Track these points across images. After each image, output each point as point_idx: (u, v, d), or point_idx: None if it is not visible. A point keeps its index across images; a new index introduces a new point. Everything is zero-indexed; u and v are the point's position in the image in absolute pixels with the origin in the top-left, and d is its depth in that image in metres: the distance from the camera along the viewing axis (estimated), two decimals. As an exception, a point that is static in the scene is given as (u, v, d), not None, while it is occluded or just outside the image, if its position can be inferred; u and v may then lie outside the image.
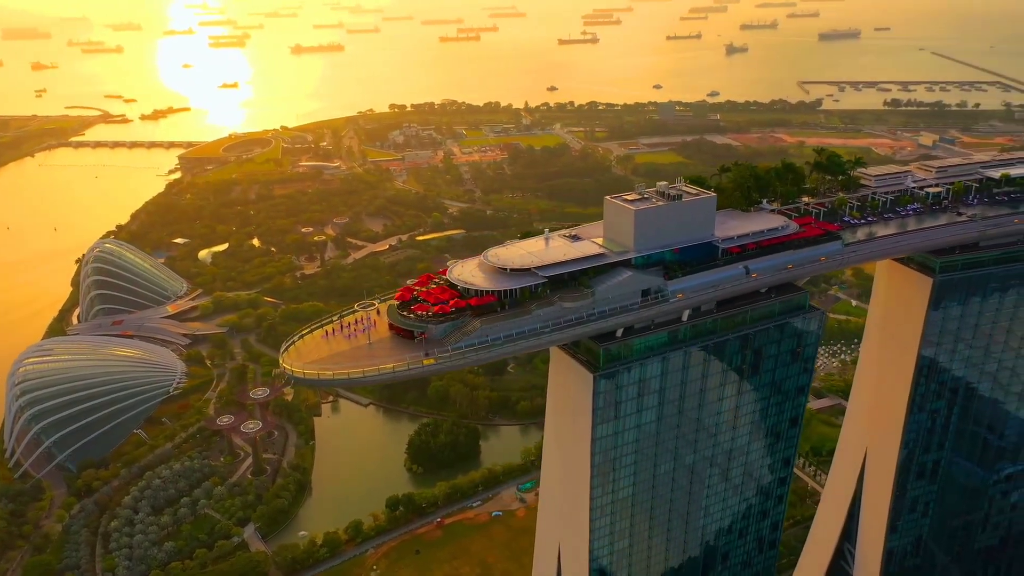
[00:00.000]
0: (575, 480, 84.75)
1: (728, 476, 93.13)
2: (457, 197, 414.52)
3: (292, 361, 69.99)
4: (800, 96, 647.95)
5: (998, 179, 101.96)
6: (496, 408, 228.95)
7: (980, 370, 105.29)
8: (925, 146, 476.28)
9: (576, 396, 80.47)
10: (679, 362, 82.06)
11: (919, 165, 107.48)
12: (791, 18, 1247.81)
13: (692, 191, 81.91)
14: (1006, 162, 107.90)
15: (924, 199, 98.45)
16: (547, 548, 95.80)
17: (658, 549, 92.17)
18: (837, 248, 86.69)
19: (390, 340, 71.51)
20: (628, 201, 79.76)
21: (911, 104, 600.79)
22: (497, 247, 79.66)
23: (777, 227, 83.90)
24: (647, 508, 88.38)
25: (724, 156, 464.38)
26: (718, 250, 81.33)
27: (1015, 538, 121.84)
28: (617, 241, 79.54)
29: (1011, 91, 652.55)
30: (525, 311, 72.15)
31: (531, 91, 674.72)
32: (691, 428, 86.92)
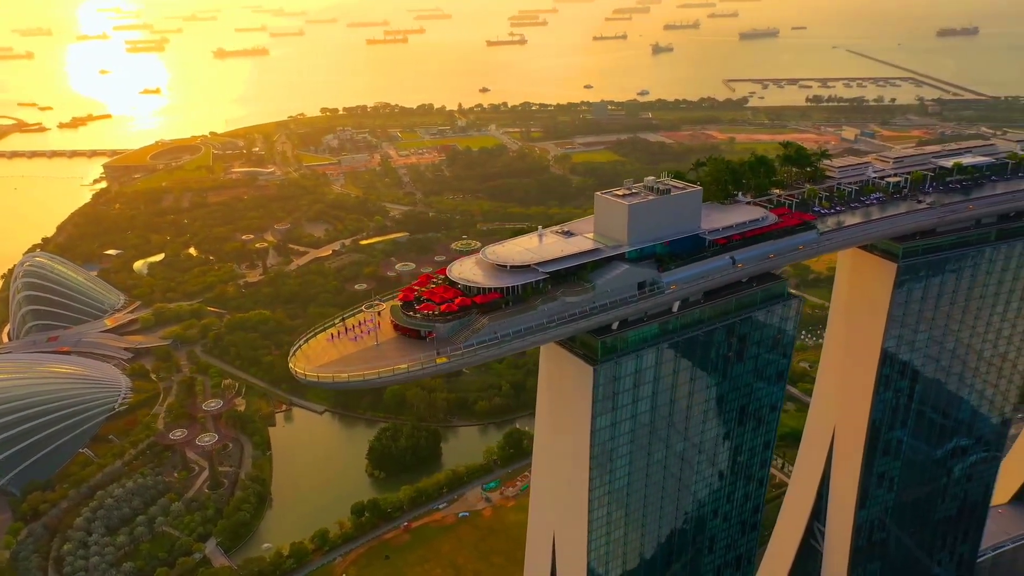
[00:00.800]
0: (572, 472, 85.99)
1: (714, 462, 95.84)
2: (398, 200, 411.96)
3: (303, 365, 69.23)
4: (727, 94, 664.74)
5: (950, 168, 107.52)
6: (454, 410, 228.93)
7: (940, 348, 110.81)
8: (848, 140, 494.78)
9: (574, 389, 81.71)
10: (671, 352, 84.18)
11: (877, 156, 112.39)
12: (712, 18, 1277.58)
13: (679, 185, 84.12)
14: (956, 152, 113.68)
15: (885, 188, 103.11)
16: (540, 540, 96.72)
17: (651, 537, 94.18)
18: (813, 237, 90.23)
19: (396, 341, 71.40)
20: (619, 196, 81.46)
21: (832, 100, 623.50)
22: (494, 245, 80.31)
23: (758, 218, 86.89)
24: (641, 497, 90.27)
25: (658, 154, 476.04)
26: (705, 242, 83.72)
27: (969, 507, 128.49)
28: (609, 236, 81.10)
29: (923, 86, 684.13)
30: (530, 307, 73.06)
31: (464, 93, 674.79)
32: (682, 416, 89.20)
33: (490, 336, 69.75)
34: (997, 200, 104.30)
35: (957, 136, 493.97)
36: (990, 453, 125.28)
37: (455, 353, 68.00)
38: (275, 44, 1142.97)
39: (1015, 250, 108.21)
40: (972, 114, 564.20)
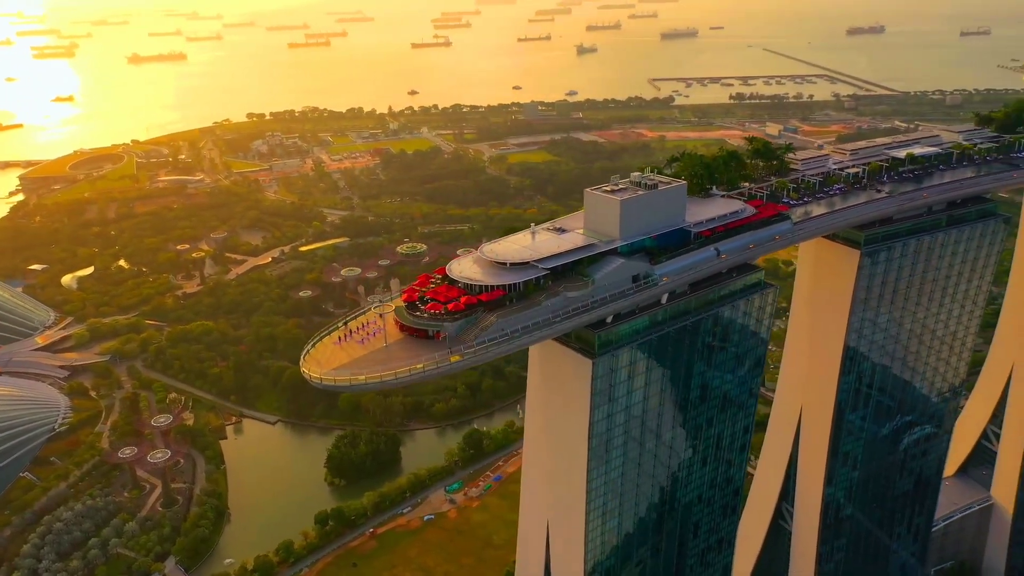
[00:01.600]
0: (570, 463, 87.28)
1: (698, 448, 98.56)
2: (335, 205, 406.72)
3: (316, 370, 68.57)
4: (653, 93, 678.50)
5: (903, 158, 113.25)
6: (411, 414, 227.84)
7: (898, 330, 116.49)
8: (772, 136, 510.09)
9: (571, 383, 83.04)
10: (661, 343, 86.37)
11: (834, 148, 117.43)
12: (632, 19, 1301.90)
13: (665, 180, 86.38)
14: (905, 143, 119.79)
15: (846, 179, 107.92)
16: (534, 530, 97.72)
17: (642, 525, 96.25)
18: (788, 227, 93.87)
19: (404, 341, 71.44)
20: (610, 192, 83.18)
21: (753, 97, 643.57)
22: (491, 243, 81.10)
23: (737, 210, 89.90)
24: (634, 486, 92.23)
25: (592, 153, 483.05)
26: (691, 234, 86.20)
27: (924, 481, 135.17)
28: (600, 231, 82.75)
29: (837, 83, 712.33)
30: (534, 303, 74.03)
31: (392, 95, 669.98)
32: (671, 405, 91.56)
33: (499, 333, 70.39)
34: (947, 188, 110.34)
35: (873, 130, 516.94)
36: (942, 428, 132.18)
37: (468, 351, 68.45)
38: (193, 49, 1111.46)
39: (963, 235, 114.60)
40: (886, 108, 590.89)
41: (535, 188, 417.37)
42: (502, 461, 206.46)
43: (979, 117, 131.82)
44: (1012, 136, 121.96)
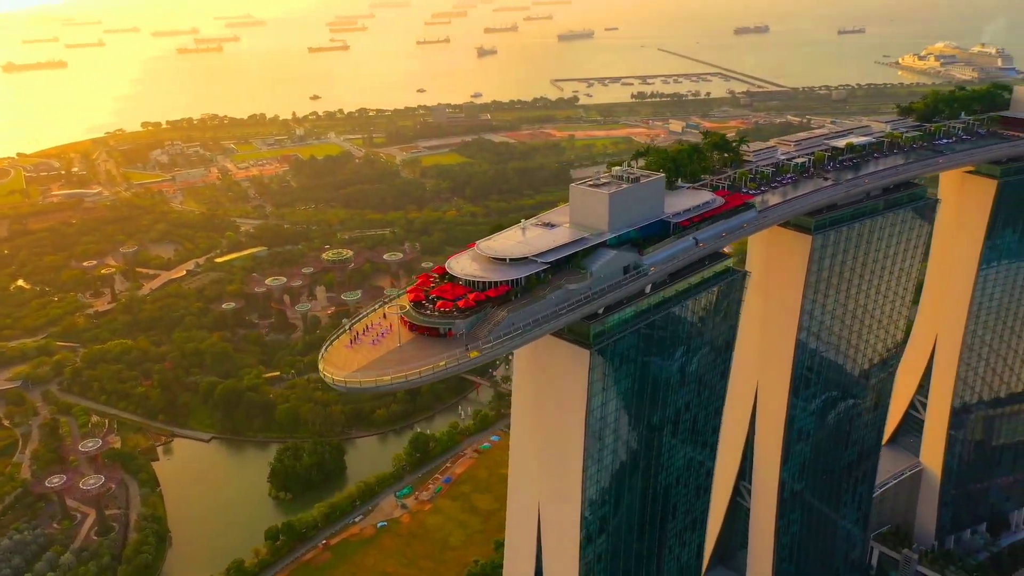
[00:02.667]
0: (564, 454, 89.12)
1: (677, 431, 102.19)
2: (247, 214, 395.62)
3: (340, 374, 67.74)
4: (556, 93, 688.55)
5: (843, 147, 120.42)
6: (351, 422, 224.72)
7: (844, 310, 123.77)
8: (676, 132, 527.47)
9: (566, 373, 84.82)
10: (647, 331, 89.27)
11: (779, 140, 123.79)
12: (528, 21, 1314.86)
13: (645, 173, 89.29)
14: (841, 134, 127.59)
15: (795, 168, 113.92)
16: (524, 520, 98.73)
17: (630, 510, 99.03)
18: (754, 215, 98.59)
19: (417, 341, 71.51)
20: (596, 186, 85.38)
21: (654, 96, 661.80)
22: (486, 240, 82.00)
23: (708, 201, 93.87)
24: (624, 472, 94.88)
25: (504, 154, 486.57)
26: (670, 225, 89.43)
27: (866, 451, 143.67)
28: (587, 224, 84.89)
29: (730, 80, 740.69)
30: (538, 296, 75.45)
31: (294, 101, 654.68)
32: (655, 391, 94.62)
33: (511, 327, 71.43)
34: (884, 174, 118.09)
35: (769, 124, 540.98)
36: (881, 400, 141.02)
37: (486, 347, 69.19)
38: (73, 56, 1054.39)
39: (898, 217, 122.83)
40: (778, 104, 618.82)
41: (452, 190, 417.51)
42: (450, 463, 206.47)
43: (900, 108, 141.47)
44: (933, 125, 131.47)
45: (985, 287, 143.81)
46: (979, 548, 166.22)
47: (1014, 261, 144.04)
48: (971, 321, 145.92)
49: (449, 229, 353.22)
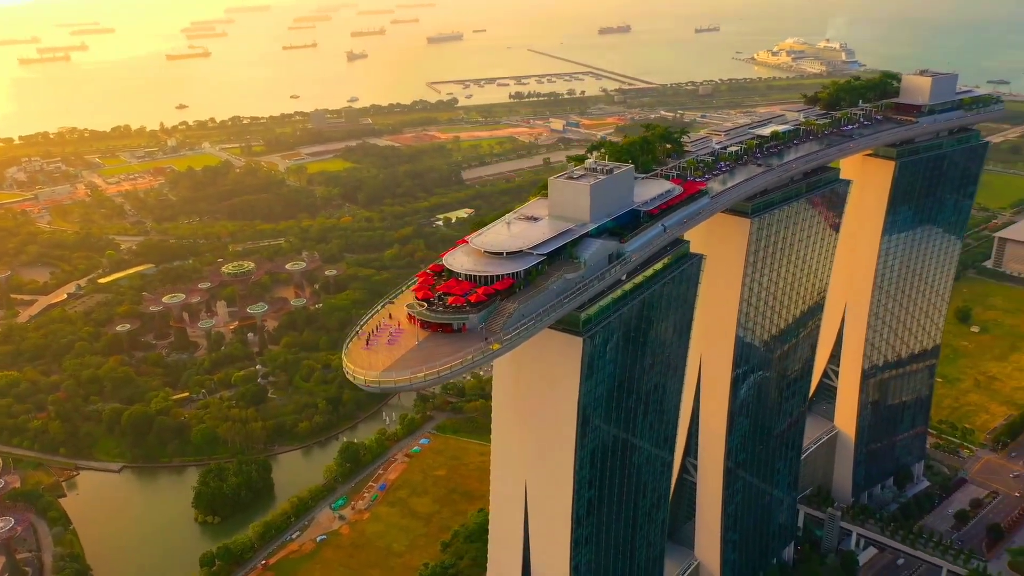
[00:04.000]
0: (554, 439, 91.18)
1: (648, 411, 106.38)
2: (126, 231, 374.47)
3: (371, 375, 66.90)
4: (434, 96, 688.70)
5: (768, 135, 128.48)
6: (273, 437, 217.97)
7: (776, 286, 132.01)
8: (557, 131, 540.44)
9: (558, 361, 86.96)
10: (628, 317, 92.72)
11: (711, 131, 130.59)
12: (395, 24, 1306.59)
13: (616, 165, 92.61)
14: (761, 123, 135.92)
15: (729, 157, 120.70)
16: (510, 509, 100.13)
17: (611, 492, 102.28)
18: (707, 202, 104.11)
19: (433, 338, 71.68)
20: (574, 179, 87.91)
21: (531, 96, 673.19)
22: (478, 236, 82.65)
23: (669, 190, 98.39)
24: (607, 454, 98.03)
25: (391, 157, 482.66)
26: (640, 214, 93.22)
27: (794, 421, 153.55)
28: (568, 216, 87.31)
29: (602, 79, 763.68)
30: (540, 287, 77.16)
31: (160, 111, 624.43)
32: (631, 374, 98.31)
33: (522, 318, 72.88)
34: (807, 159, 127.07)
35: (644, 120, 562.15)
36: (805, 370, 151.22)
37: (506, 338, 70.30)
38: None
39: (818, 199, 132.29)
40: (650, 100, 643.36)
41: (344, 196, 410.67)
42: (382, 469, 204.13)
43: (807, 98, 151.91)
44: (840, 112, 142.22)
45: (887, 259, 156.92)
46: (889, 501, 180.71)
47: (909, 233, 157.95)
48: (876, 291, 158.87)
49: (348, 236, 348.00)
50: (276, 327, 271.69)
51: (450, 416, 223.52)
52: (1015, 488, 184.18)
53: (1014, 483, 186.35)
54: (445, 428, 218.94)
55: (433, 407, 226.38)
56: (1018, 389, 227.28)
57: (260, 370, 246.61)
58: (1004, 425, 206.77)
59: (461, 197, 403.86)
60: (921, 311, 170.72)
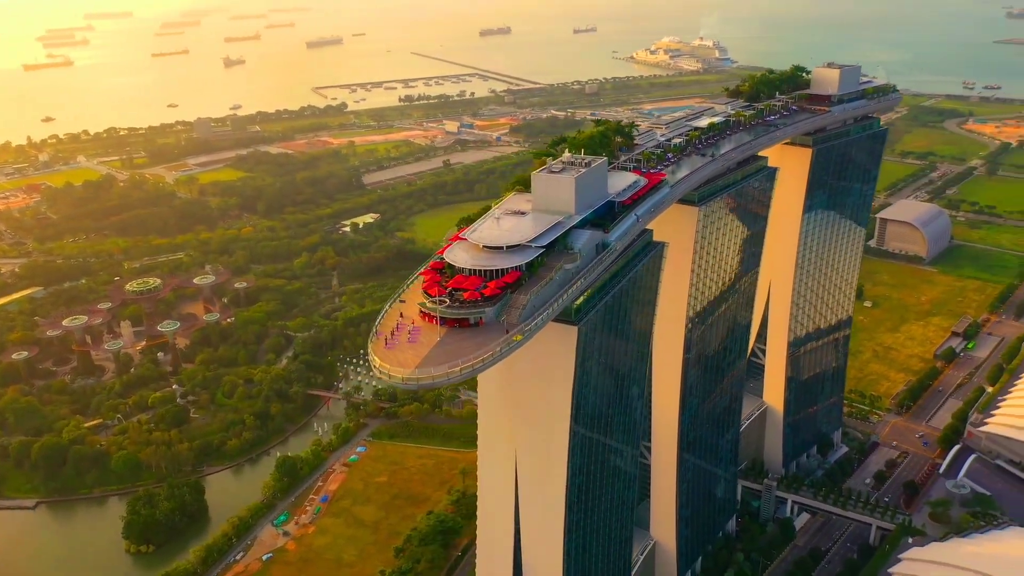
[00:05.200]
0: (548, 429, 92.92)
1: (623, 397, 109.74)
2: (4, 253, 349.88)
3: (408, 373, 66.39)
4: (322, 101, 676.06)
5: (706, 127, 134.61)
6: (201, 458, 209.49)
7: (719, 271, 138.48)
8: (452, 132, 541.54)
9: (553, 351, 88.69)
10: (609, 306, 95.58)
11: (652, 124, 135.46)
12: (270, 29, 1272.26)
13: (591, 158, 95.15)
14: (695, 116, 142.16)
15: (674, 148, 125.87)
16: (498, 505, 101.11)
17: (596, 478, 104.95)
18: (668, 191, 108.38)
19: (453, 333, 72.05)
20: (555, 172, 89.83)
21: (421, 99, 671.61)
22: (473, 232, 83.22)
23: (636, 181, 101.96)
24: (594, 441, 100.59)
25: (286, 165, 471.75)
26: (615, 204, 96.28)
27: (734, 398, 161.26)
28: (553, 209, 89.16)
29: (489, 80, 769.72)
30: (544, 278, 78.69)
31: (25, 124, 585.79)
32: (613, 361, 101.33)
33: (534, 308, 74.32)
34: (742, 149, 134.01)
35: (536, 119, 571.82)
36: (743, 349, 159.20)
37: (526, 329, 71.47)
38: None
39: (752, 185, 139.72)
40: (539, 100, 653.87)
41: (242, 206, 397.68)
42: (321, 481, 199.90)
43: (728, 91, 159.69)
44: (762, 104, 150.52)
45: (806, 240, 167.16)
46: (815, 468, 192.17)
47: (824, 214, 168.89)
48: (798, 270, 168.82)
49: (252, 247, 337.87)
50: (188, 345, 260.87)
51: (384, 422, 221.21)
52: (921, 447, 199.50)
53: (920, 443, 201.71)
54: (381, 434, 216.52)
55: (366, 414, 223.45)
56: (912, 357, 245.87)
57: (178, 390, 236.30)
58: (905, 391, 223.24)
59: (364, 202, 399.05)
60: (835, 287, 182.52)
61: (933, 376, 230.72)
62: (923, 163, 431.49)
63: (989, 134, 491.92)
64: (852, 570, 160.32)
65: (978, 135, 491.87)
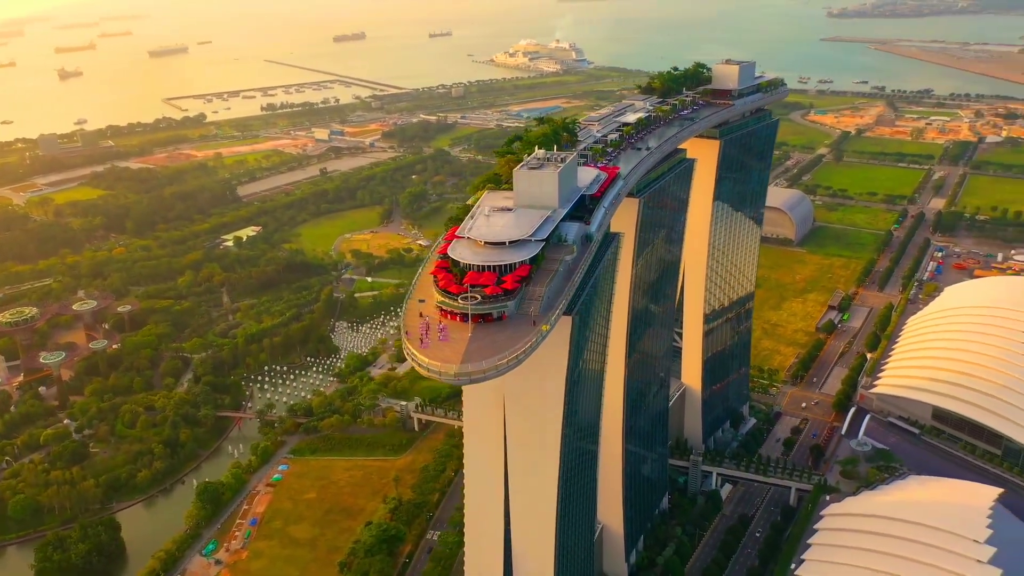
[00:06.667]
0: (541, 420, 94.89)
1: (599, 388, 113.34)
2: None
3: (465, 367, 66.36)
4: (175, 112, 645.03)
5: (634, 122, 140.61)
6: (110, 494, 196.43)
7: (656, 260, 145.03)
8: (323, 140, 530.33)
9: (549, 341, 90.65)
10: (589, 296, 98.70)
11: (586, 121, 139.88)
12: (105, 38, 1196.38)
13: (563, 155, 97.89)
14: (619, 112, 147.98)
15: (614, 144, 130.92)
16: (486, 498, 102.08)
17: (577, 469, 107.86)
18: (622, 184, 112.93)
19: (481, 328, 72.79)
20: (538, 168, 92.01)
21: (285, 107, 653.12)
22: (472, 230, 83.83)
23: (600, 175, 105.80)
24: (579, 433, 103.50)
25: (150, 180, 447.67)
26: (586, 198, 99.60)
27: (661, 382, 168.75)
28: (536, 204, 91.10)
29: (352, 86, 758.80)
30: (550, 271, 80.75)
31: None
32: (591, 348, 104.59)
33: (548, 300, 76.30)
34: (669, 141, 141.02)
35: (407, 124, 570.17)
36: (669, 334, 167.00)
37: (551, 318, 73.24)
38: None
39: (676, 176, 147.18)
40: (407, 104, 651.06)
41: (108, 227, 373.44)
42: (247, 504, 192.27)
43: (641, 88, 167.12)
44: (676, 99, 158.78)
45: (716, 225, 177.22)
46: (730, 441, 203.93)
47: (730, 201, 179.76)
48: (710, 254, 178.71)
49: (127, 268, 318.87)
50: (72, 376, 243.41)
51: (303, 437, 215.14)
52: (818, 413, 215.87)
53: (817, 409, 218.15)
54: (302, 450, 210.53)
55: (283, 431, 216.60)
56: (797, 331, 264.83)
57: (71, 424, 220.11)
58: (796, 363, 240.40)
59: (243, 215, 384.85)
60: (739, 268, 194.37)
61: (818, 347, 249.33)
62: (778, 152, 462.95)
63: (830, 124, 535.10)
64: (778, 531, 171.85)
65: (820, 125, 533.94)
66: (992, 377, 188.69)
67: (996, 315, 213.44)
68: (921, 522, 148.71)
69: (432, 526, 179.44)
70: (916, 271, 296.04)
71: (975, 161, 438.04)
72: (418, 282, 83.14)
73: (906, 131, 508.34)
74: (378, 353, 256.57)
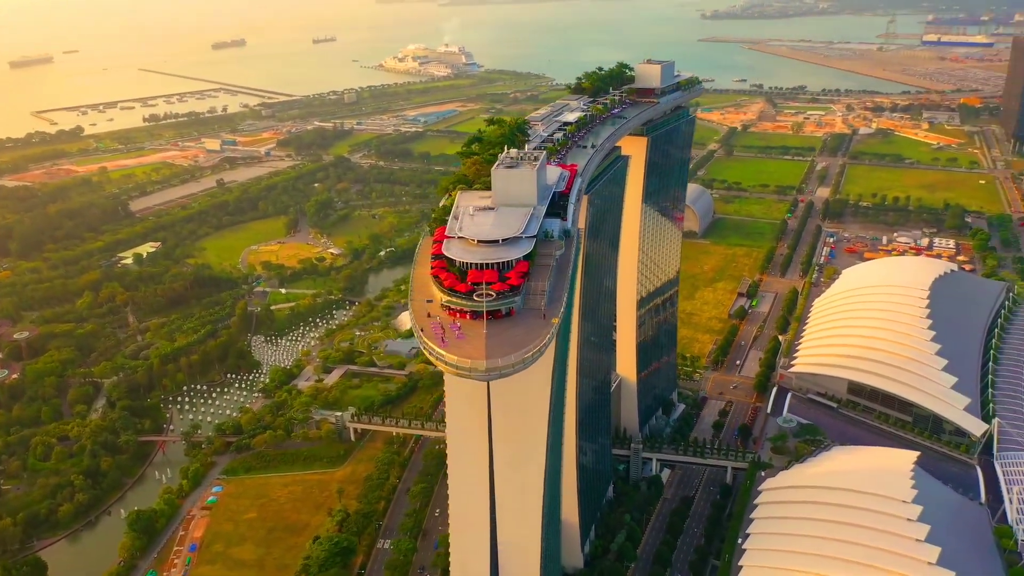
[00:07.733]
0: (526, 416, 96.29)
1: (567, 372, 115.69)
2: None
3: (490, 362, 66.60)
4: (45, 126, 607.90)
5: (575, 121, 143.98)
6: (29, 532, 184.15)
7: (602, 255, 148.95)
8: (215, 151, 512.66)
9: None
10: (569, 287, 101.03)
11: (532, 119, 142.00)
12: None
13: (535, 153, 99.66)
14: (558, 112, 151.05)
15: (562, 142, 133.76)
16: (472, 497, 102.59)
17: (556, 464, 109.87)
18: (581, 180, 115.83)
19: (494, 324, 73.47)
20: (515, 167, 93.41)
21: (169, 117, 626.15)
22: (464, 230, 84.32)
23: (566, 172, 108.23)
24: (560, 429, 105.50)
25: (29, 199, 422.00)
26: (556, 195, 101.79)
27: (605, 373, 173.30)
28: (516, 202, 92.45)
29: (238, 94, 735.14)
30: (546, 265, 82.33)
31: None
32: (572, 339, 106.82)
33: (551, 295, 78.03)
34: (610, 139, 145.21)
35: (302, 131, 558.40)
36: (612, 328, 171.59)
37: (559, 312, 74.89)
38: None
39: (615, 173, 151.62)
40: (299, 112, 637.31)
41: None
42: (183, 529, 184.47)
43: (572, 89, 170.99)
44: (607, 98, 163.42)
45: (645, 219, 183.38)
46: (663, 427, 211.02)
47: (656, 195, 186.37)
48: (640, 247, 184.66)
49: (18, 292, 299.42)
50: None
51: (234, 456, 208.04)
52: (741, 395, 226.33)
53: (739, 391, 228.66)
54: (236, 470, 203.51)
55: (212, 452, 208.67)
56: (711, 319, 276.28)
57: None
58: (715, 349, 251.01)
59: (139, 231, 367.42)
60: (665, 259, 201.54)
61: (733, 333, 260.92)
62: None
63: (717, 121, 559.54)
64: (718, 508, 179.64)
65: (708, 122, 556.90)
66: (898, 351, 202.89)
67: (893, 292, 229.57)
68: (853, 488, 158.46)
69: (382, 535, 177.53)
70: (813, 256, 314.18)
71: (852, 152, 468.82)
72: (413, 283, 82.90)
73: (787, 125, 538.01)
74: (302, 365, 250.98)
